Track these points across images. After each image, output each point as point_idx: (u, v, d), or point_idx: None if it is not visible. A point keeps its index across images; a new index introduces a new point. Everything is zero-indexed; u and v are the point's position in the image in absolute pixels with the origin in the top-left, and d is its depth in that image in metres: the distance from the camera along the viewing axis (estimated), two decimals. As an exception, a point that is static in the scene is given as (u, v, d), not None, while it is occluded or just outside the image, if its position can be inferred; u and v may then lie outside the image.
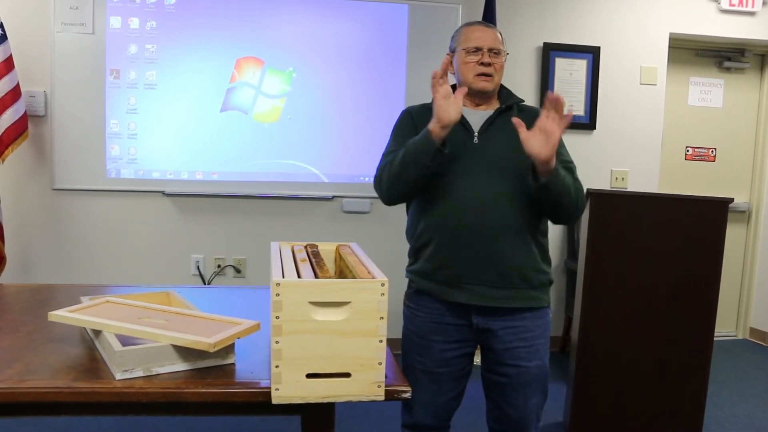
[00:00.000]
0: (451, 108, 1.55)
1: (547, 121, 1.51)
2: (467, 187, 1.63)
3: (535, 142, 1.50)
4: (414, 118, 1.76)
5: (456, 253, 1.63)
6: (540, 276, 1.69)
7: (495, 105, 1.77)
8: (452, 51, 1.78)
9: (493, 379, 1.72)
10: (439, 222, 1.65)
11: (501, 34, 1.76)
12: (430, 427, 1.76)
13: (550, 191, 1.57)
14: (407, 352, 1.75)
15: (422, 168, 1.59)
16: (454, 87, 1.80)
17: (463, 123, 1.68)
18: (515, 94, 1.81)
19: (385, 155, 1.75)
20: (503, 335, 1.67)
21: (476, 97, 1.74)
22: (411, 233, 1.77)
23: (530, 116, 1.75)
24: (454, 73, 1.78)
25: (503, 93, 1.80)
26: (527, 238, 1.65)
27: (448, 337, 1.69)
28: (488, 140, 1.68)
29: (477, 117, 1.71)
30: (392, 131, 1.80)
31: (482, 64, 1.69)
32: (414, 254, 1.75)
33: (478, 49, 1.70)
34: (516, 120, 1.54)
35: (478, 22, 1.80)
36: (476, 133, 1.68)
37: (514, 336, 1.67)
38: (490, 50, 1.70)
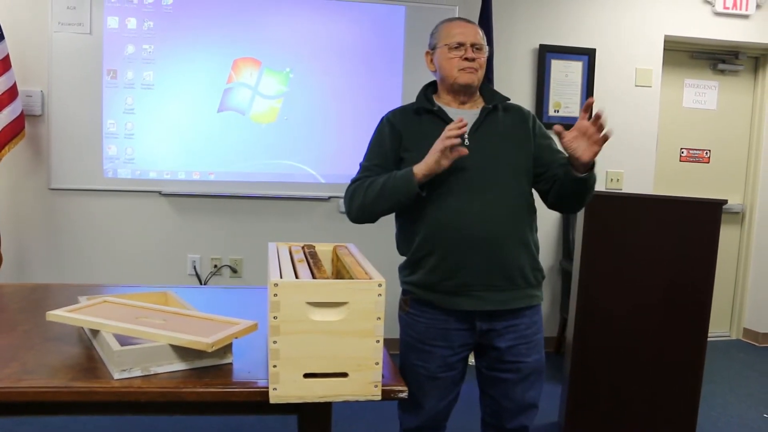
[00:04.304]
0: (445, 162, 1.55)
1: (588, 125, 1.51)
2: (466, 193, 1.62)
3: (579, 145, 1.52)
4: (396, 125, 1.72)
5: (461, 262, 1.61)
6: (537, 274, 1.71)
7: (480, 103, 1.74)
8: (432, 48, 1.75)
9: (494, 376, 1.73)
10: (441, 232, 1.62)
11: (482, 30, 1.73)
12: (433, 428, 1.78)
13: (588, 184, 1.60)
14: (408, 358, 1.73)
15: (397, 204, 1.63)
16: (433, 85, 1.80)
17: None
18: (499, 93, 1.78)
19: (362, 168, 1.73)
20: (506, 334, 1.68)
21: (461, 93, 1.72)
22: (406, 244, 1.71)
23: (517, 115, 1.76)
24: (434, 71, 1.76)
25: (486, 91, 1.77)
26: (526, 238, 1.67)
27: (451, 342, 1.68)
28: (480, 142, 1.65)
29: (465, 117, 1.65)
30: (371, 141, 1.77)
31: (466, 59, 1.67)
32: (411, 266, 1.70)
33: (460, 45, 1.68)
34: (557, 127, 1.54)
35: (459, 18, 1.77)
36: (466, 135, 1.64)
37: (515, 334, 1.69)
38: (472, 45, 1.68)
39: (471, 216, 1.60)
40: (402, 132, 1.70)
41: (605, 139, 1.51)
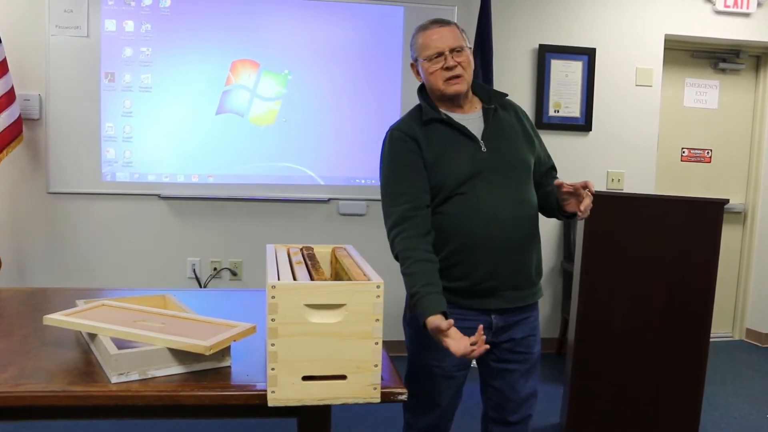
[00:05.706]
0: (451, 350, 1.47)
1: (581, 191, 1.59)
2: (494, 203, 1.62)
3: (570, 201, 1.62)
4: (416, 139, 1.64)
5: (492, 269, 1.63)
6: (541, 266, 1.76)
7: (476, 102, 1.72)
8: (415, 60, 1.69)
9: (501, 368, 1.75)
10: (473, 242, 1.61)
11: (458, 26, 1.67)
12: (442, 429, 1.81)
13: (571, 217, 1.72)
14: (422, 358, 1.72)
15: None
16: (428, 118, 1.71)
17: (464, 132, 1.64)
18: (491, 89, 1.76)
19: (396, 195, 1.61)
20: (515, 326, 1.71)
21: (455, 101, 1.68)
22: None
23: (512, 110, 1.76)
24: (422, 82, 1.71)
25: (479, 89, 1.74)
26: (539, 235, 1.73)
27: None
28: (492, 146, 1.65)
29: (471, 122, 1.68)
30: (390, 160, 1.66)
31: (447, 68, 1.61)
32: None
33: (439, 54, 1.61)
34: (557, 182, 1.60)
35: (432, 22, 1.67)
36: (481, 140, 1.65)
37: (527, 325, 1.74)
38: (452, 51, 1.61)
39: (501, 224, 1.62)
40: (423, 146, 1.64)
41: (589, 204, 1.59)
